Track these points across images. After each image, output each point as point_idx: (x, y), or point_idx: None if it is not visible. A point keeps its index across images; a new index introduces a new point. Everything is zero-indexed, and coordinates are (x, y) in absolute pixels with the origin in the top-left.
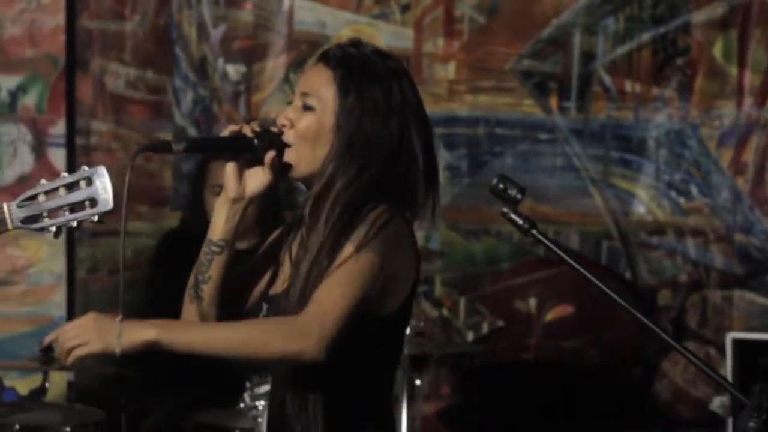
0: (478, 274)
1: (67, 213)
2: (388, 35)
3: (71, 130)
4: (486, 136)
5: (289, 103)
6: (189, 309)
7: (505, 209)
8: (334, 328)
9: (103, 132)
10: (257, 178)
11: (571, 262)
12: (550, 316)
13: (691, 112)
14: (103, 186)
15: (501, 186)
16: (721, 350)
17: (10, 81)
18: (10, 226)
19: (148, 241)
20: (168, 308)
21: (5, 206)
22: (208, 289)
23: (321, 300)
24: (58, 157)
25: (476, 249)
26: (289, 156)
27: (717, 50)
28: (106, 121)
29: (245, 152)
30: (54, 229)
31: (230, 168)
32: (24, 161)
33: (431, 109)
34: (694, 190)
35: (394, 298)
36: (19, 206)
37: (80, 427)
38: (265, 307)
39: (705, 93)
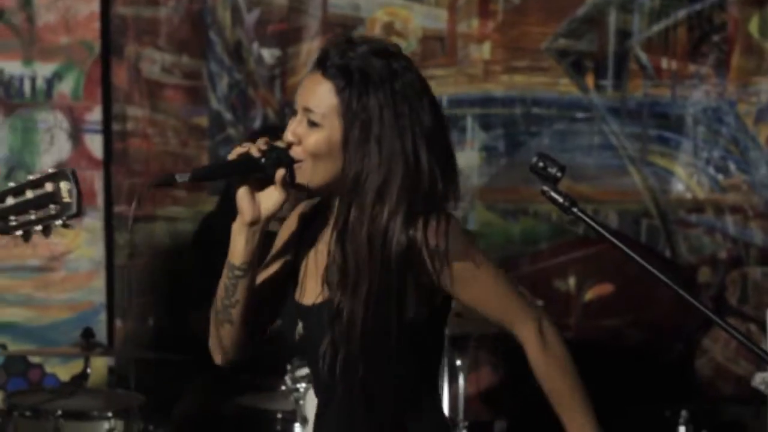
0: (517, 254)
1: (33, 217)
2: (422, 16)
3: (107, 117)
4: (522, 116)
5: (294, 112)
6: (222, 332)
7: (545, 187)
8: (542, 311)
9: (139, 117)
10: (271, 198)
11: (612, 238)
12: (590, 295)
13: (728, 89)
14: (67, 189)
15: (541, 164)
16: (762, 327)
17: (46, 68)
18: None
19: (185, 226)
20: (206, 293)
21: None
22: (236, 313)
23: (518, 310)
24: (94, 143)
25: (514, 229)
26: (301, 171)
27: (753, 26)
28: (142, 106)
29: (254, 173)
30: (20, 232)
31: (242, 192)
32: (61, 148)
33: (467, 89)
34: (732, 166)
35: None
36: None
37: (122, 412)
38: (300, 324)
39: (741, 69)
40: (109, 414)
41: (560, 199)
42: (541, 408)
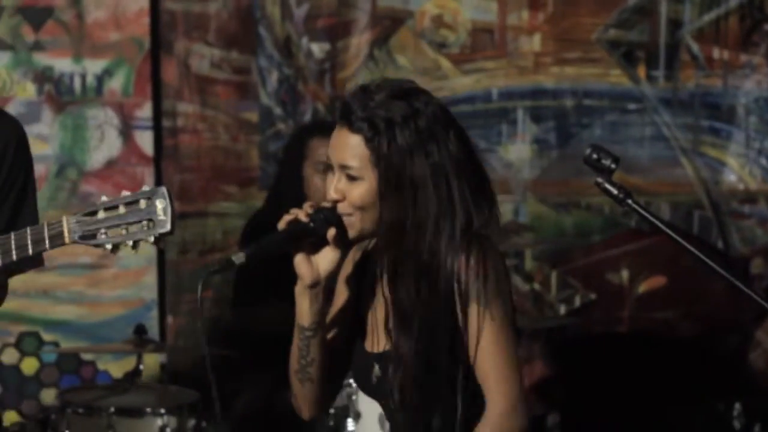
0: (569, 247)
1: (124, 232)
2: (471, 9)
3: (157, 113)
4: (574, 108)
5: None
6: (305, 391)
7: (599, 179)
8: (523, 398)
9: (189, 113)
10: (327, 258)
11: (667, 230)
12: (643, 287)
13: None
14: (162, 207)
15: (595, 156)
16: None
17: (96, 65)
18: (67, 240)
19: (237, 222)
20: (257, 288)
21: (64, 220)
22: (315, 370)
23: (498, 382)
24: (144, 139)
25: (566, 222)
26: (351, 225)
27: None
28: (192, 102)
29: (306, 238)
30: (110, 246)
31: (299, 258)
32: (111, 145)
33: (517, 82)
34: None
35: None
36: (78, 221)
37: (175, 408)
38: (376, 366)
39: None
40: (162, 410)
41: (615, 191)
42: (593, 401)
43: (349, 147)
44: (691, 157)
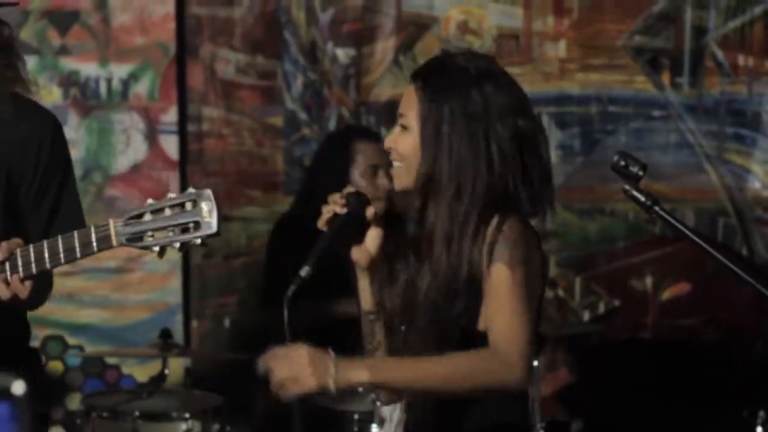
0: (593, 253)
1: (171, 234)
2: (497, 14)
3: (183, 117)
4: (598, 114)
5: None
6: None
7: (626, 186)
8: (528, 353)
9: (215, 118)
10: (373, 237)
11: (695, 237)
12: (667, 294)
13: None
14: (208, 209)
15: (622, 163)
16: None
17: (122, 69)
18: (114, 243)
19: (261, 227)
20: (282, 292)
21: (111, 223)
22: (382, 354)
23: (504, 330)
24: (170, 144)
25: (591, 228)
26: (397, 176)
27: None
28: (218, 107)
29: (351, 226)
30: (157, 248)
31: (354, 250)
32: (137, 149)
33: (542, 88)
34: None
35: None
36: (125, 224)
37: (200, 413)
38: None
39: None
40: (187, 415)
41: (642, 198)
42: (617, 408)
43: (408, 97)
44: (715, 164)
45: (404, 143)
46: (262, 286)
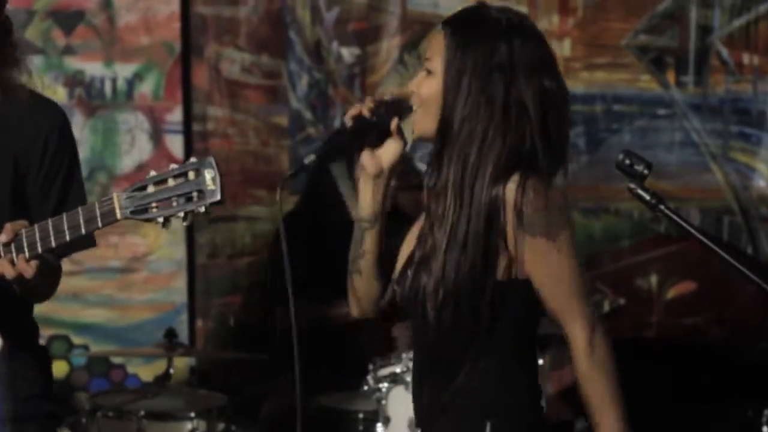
0: (598, 252)
1: (174, 204)
2: None
3: (188, 117)
4: (603, 113)
5: None
6: (354, 284)
7: (632, 185)
8: (598, 320)
9: (220, 118)
10: (389, 149)
11: (700, 236)
12: (672, 293)
13: None
14: (211, 177)
15: (627, 161)
16: None
17: (127, 69)
18: (119, 216)
19: (266, 226)
20: (286, 291)
21: (115, 196)
22: (365, 264)
23: (574, 317)
24: (175, 143)
25: (596, 227)
26: (416, 120)
27: None
28: (223, 106)
29: (371, 132)
30: (161, 219)
31: (364, 153)
32: (142, 149)
33: None
34: None
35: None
36: (129, 197)
37: (205, 412)
38: (409, 272)
39: None
40: (192, 414)
41: (647, 197)
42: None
43: (435, 42)
44: (720, 162)
45: (427, 87)
46: (267, 285)
